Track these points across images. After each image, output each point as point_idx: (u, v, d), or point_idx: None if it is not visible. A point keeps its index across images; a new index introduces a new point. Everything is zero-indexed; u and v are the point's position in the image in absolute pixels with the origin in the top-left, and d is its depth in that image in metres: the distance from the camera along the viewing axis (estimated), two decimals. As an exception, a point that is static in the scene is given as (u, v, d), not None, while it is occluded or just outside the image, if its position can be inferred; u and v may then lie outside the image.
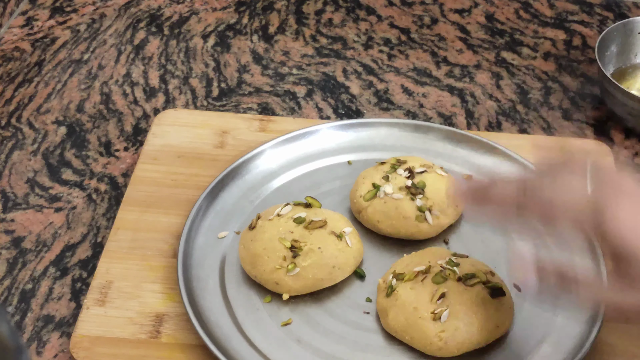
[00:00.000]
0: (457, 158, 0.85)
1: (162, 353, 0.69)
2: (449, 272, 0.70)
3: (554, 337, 0.70)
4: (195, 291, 0.72)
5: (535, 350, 0.69)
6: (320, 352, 0.69)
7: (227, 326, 0.70)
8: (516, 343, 0.70)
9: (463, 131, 0.87)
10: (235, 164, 0.83)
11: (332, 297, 0.73)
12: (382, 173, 0.79)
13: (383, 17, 1.10)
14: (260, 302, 0.73)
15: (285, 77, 1.00)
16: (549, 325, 0.71)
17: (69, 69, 1.01)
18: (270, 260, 0.72)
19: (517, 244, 0.76)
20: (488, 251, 0.77)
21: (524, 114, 0.95)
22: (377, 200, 0.77)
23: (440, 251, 0.73)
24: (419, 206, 0.76)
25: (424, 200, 0.76)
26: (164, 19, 1.09)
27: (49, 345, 0.72)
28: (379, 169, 0.80)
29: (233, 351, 0.68)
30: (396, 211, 0.76)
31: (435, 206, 0.76)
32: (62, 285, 0.77)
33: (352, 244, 0.73)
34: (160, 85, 0.99)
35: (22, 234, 0.81)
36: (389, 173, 0.78)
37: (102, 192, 0.85)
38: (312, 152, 0.86)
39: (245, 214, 0.80)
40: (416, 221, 0.76)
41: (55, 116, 0.94)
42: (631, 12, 1.11)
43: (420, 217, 0.76)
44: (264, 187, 0.83)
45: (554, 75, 1.01)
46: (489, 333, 0.68)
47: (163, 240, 0.78)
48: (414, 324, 0.68)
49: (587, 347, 0.68)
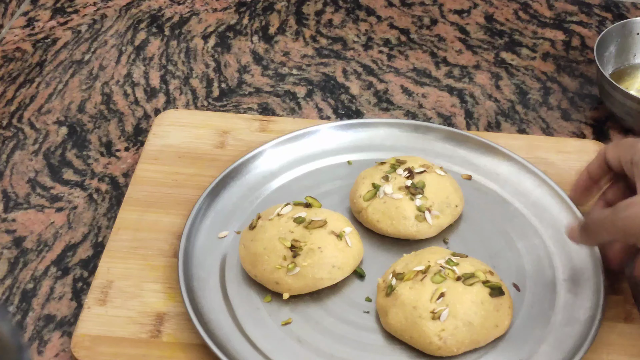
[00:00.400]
0: (456, 158, 0.86)
1: (162, 352, 0.69)
2: (448, 271, 0.70)
3: (553, 337, 0.70)
4: (196, 291, 0.72)
5: (534, 350, 0.69)
6: (321, 351, 0.69)
7: (228, 326, 0.71)
8: (515, 342, 0.70)
9: (462, 131, 0.87)
10: (235, 164, 0.83)
11: (332, 297, 0.74)
12: (382, 173, 0.79)
13: (383, 17, 1.10)
14: (261, 302, 0.73)
15: (285, 78, 1.00)
16: (548, 324, 0.71)
17: (70, 70, 1.01)
18: (271, 260, 0.72)
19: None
20: (487, 251, 0.77)
21: (523, 114, 0.95)
22: (376, 200, 0.77)
23: (440, 251, 0.73)
24: (419, 206, 0.76)
25: (424, 200, 0.77)
26: (165, 19, 1.09)
27: (50, 344, 0.72)
28: (379, 169, 0.80)
29: (234, 351, 0.68)
30: (396, 211, 0.76)
31: (435, 206, 0.77)
32: (63, 284, 0.77)
33: (352, 243, 0.74)
34: (160, 86, 0.99)
35: (23, 233, 0.81)
36: (389, 173, 0.79)
37: (103, 192, 0.86)
38: (312, 152, 0.86)
39: (246, 214, 0.80)
40: (416, 221, 0.76)
41: (57, 116, 0.95)
42: (630, 12, 1.11)
43: (419, 217, 0.76)
44: (264, 187, 0.83)
45: (553, 75, 1.01)
46: (488, 332, 0.69)
47: (164, 240, 0.78)
48: (413, 324, 0.68)
49: (586, 346, 0.68)
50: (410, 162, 0.80)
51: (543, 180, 0.82)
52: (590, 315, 0.71)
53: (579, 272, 0.75)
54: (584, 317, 0.71)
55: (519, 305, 0.73)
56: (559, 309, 0.72)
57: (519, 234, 0.79)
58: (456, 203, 0.78)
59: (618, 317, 0.72)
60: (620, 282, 0.75)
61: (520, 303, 0.73)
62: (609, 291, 0.73)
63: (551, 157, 0.87)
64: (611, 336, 0.71)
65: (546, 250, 0.77)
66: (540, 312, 0.72)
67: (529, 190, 0.82)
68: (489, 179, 0.84)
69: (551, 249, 0.77)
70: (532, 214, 0.80)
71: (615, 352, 0.70)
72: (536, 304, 0.73)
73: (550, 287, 0.74)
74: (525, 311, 0.72)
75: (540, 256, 0.77)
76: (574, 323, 0.71)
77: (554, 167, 0.85)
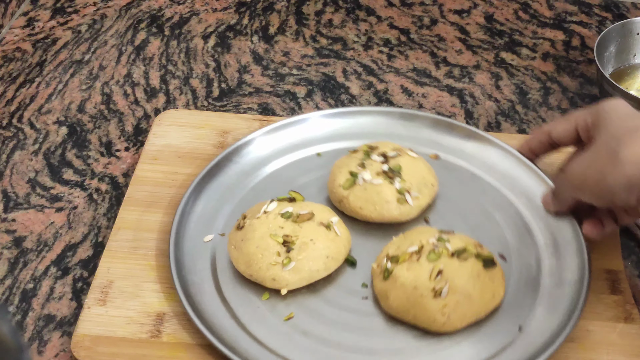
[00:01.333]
0: (421, 139, 0.87)
1: (162, 352, 0.69)
2: (441, 249, 0.71)
3: (546, 300, 0.72)
4: (195, 297, 0.72)
5: (531, 315, 0.72)
6: (328, 341, 0.70)
7: (232, 328, 0.71)
8: (512, 310, 0.72)
9: (420, 112, 0.89)
10: (208, 168, 0.82)
11: (329, 287, 0.74)
12: (357, 160, 0.80)
13: (383, 17, 1.10)
14: (259, 300, 0.73)
15: (285, 78, 1.00)
16: (538, 289, 0.74)
17: (70, 70, 1.01)
18: (265, 258, 0.72)
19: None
20: (468, 225, 0.79)
21: (523, 114, 0.95)
22: (357, 187, 0.78)
23: (427, 230, 0.75)
24: (399, 189, 0.77)
25: (403, 183, 0.78)
26: (165, 19, 1.09)
27: (50, 344, 0.72)
28: (353, 157, 0.81)
29: (244, 352, 0.68)
30: (378, 196, 0.77)
31: (414, 187, 0.78)
32: (63, 284, 0.77)
33: (341, 232, 0.75)
34: (160, 86, 0.99)
35: (23, 233, 0.81)
36: (364, 160, 0.79)
37: (103, 192, 0.86)
38: (282, 148, 0.86)
39: (225, 216, 0.80)
40: (398, 203, 0.77)
41: (57, 116, 0.95)
42: (630, 12, 1.11)
43: (401, 199, 0.77)
44: (239, 187, 0.83)
45: (553, 75, 1.01)
46: (487, 303, 0.70)
47: (164, 240, 0.78)
48: (416, 303, 0.69)
49: (580, 306, 0.70)
50: (382, 147, 0.81)
51: (508, 152, 0.84)
52: (578, 276, 0.73)
53: (558, 236, 0.77)
54: (572, 278, 0.73)
55: (508, 275, 0.74)
56: (546, 273, 0.75)
57: (495, 206, 0.81)
58: (432, 182, 0.80)
59: (618, 317, 0.72)
60: (620, 282, 0.75)
61: (509, 272, 0.75)
62: (590, 251, 0.75)
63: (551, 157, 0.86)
64: (611, 336, 0.71)
65: (522, 219, 0.80)
66: (529, 278, 0.75)
67: (496, 163, 0.84)
68: (456, 156, 0.86)
69: (527, 217, 0.80)
70: (503, 185, 0.83)
71: (615, 352, 0.70)
72: (524, 271, 0.75)
73: (534, 254, 0.77)
74: (514, 279, 0.75)
75: (518, 225, 0.79)
76: (563, 285, 0.73)
77: (554, 167, 0.85)
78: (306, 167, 0.85)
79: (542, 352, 0.67)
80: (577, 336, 0.71)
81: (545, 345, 0.68)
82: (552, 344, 0.68)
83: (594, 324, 0.72)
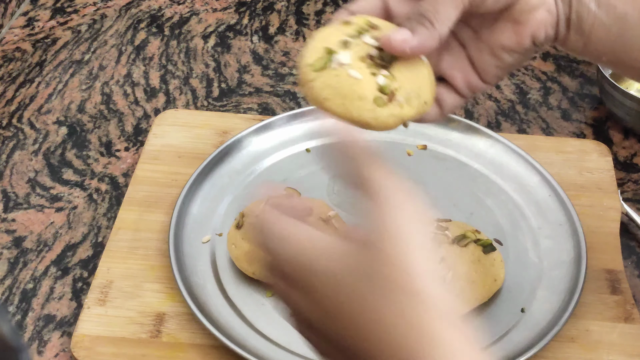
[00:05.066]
0: (408, 130, 0.85)
1: (162, 352, 0.69)
2: (441, 236, 0.72)
3: (546, 282, 0.74)
4: (199, 298, 0.72)
5: (532, 296, 0.73)
6: None
7: (239, 326, 0.71)
8: (513, 293, 0.73)
9: None
10: (199, 169, 0.82)
11: None
12: (342, 36, 0.57)
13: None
14: (263, 297, 0.73)
15: (285, 78, 1.00)
16: (536, 271, 0.75)
17: (70, 70, 1.01)
18: None
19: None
20: (462, 213, 0.81)
21: (523, 114, 0.95)
22: (328, 71, 0.55)
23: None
24: (382, 85, 0.55)
25: (389, 80, 0.55)
26: (165, 19, 1.09)
27: (49, 344, 0.72)
28: (340, 30, 0.57)
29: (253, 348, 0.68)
30: (351, 88, 0.55)
31: (401, 91, 0.55)
32: (63, 284, 0.77)
33: (339, 226, 0.75)
34: (160, 86, 0.99)
35: (23, 233, 0.81)
36: (352, 38, 0.57)
37: (102, 192, 0.86)
38: (271, 146, 0.87)
39: (221, 216, 0.80)
40: (374, 104, 0.55)
41: (56, 116, 0.95)
42: (630, 12, 1.11)
43: (380, 100, 0.55)
44: (232, 186, 0.83)
45: (553, 75, 1.01)
46: (489, 287, 0.71)
47: (164, 240, 0.78)
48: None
49: (581, 283, 0.72)
50: (385, 29, 0.58)
51: (495, 139, 0.86)
52: (575, 255, 0.75)
53: (550, 218, 0.79)
54: (568, 258, 0.75)
55: (505, 259, 0.75)
56: (542, 255, 0.76)
57: (486, 192, 0.82)
58: (426, 99, 0.58)
59: (618, 317, 0.72)
60: (620, 282, 0.75)
61: (507, 256, 0.76)
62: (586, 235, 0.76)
63: (551, 157, 0.87)
64: (611, 336, 0.71)
65: (514, 203, 0.81)
66: (527, 261, 0.76)
67: (483, 150, 0.86)
68: (444, 146, 0.87)
69: (519, 202, 0.81)
70: (491, 172, 0.84)
71: (615, 352, 0.70)
72: (521, 255, 0.77)
73: (529, 237, 0.78)
74: (512, 263, 0.76)
75: (510, 209, 0.81)
76: (561, 266, 0.75)
77: (554, 167, 0.85)
78: (296, 163, 0.85)
79: (548, 332, 0.69)
80: (577, 336, 0.71)
81: (550, 324, 0.70)
82: (557, 324, 0.69)
83: (594, 324, 0.72)
